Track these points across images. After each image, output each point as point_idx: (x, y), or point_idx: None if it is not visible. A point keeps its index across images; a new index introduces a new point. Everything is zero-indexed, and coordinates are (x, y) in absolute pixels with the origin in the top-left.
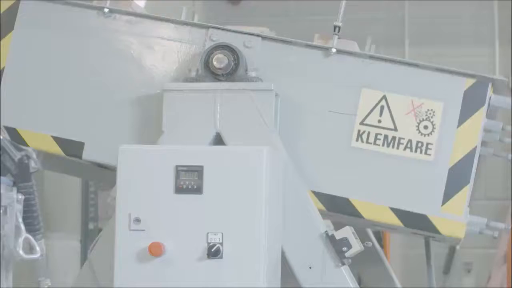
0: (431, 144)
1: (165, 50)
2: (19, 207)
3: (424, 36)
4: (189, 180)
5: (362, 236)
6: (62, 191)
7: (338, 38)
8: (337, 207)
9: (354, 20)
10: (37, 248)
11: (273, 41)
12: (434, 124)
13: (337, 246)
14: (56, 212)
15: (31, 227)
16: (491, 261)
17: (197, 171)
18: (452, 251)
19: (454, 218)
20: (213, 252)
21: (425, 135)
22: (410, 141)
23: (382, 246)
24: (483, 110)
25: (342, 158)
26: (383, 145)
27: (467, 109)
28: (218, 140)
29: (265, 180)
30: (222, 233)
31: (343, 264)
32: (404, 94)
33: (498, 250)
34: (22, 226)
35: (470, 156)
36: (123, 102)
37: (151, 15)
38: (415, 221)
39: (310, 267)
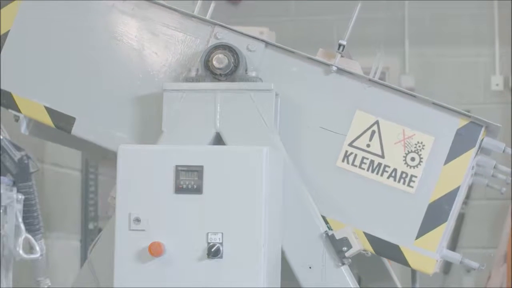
0: (415, 176)
1: (168, 39)
2: (19, 207)
3: (424, 36)
4: (189, 180)
5: None
6: (62, 191)
7: (341, 56)
8: None
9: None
10: (37, 248)
11: (277, 49)
12: (422, 157)
13: (337, 246)
14: (56, 212)
15: (31, 227)
16: (491, 261)
17: (197, 171)
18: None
19: (425, 254)
20: (213, 252)
21: (411, 166)
22: (395, 170)
23: None
24: (472, 152)
25: (325, 176)
26: (368, 170)
27: (457, 148)
28: (218, 140)
29: (265, 180)
30: (222, 233)
31: (343, 264)
32: (397, 122)
33: (497, 250)
34: (22, 226)
35: (452, 195)
36: (119, 85)
37: (160, 2)
38: (386, 250)
39: (310, 267)
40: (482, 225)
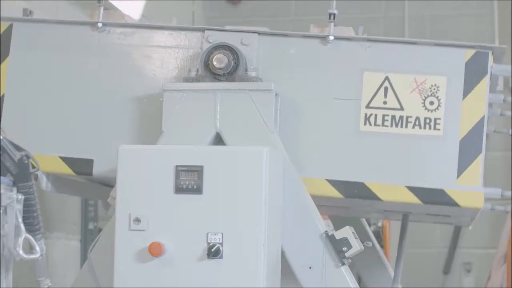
0: (439, 119)
1: (163, 57)
2: (19, 207)
3: (424, 36)
4: (189, 180)
5: (362, 236)
6: None
7: (334, 25)
8: (354, 193)
9: (354, 20)
10: (37, 248)
11: (270, 36)
12: (440, 99)
13: (337, 246)
14: (56, 212)
15: (31, 227)
16: (491, 261)
17: (197, 171)
18: (452, 251)
19: (470, 189)
20: (213, 252)
21: (431, 110)
22: (418, 118)
23: (382, 246)
24: (486, 79)
25: (352, 144)
26: (391, 125)
27: (470, 80)
28: (218, 140)
29: (265, 180)
30: (222, 233)
31: (343, 264)
32: (406, 72)
33: (498, 250)
34: (22, 226)
35: (479, 125)
36: (127, 115)
37: (145, 24)
38: (432, 197)
39: (310, 267)
40: (482, 225)
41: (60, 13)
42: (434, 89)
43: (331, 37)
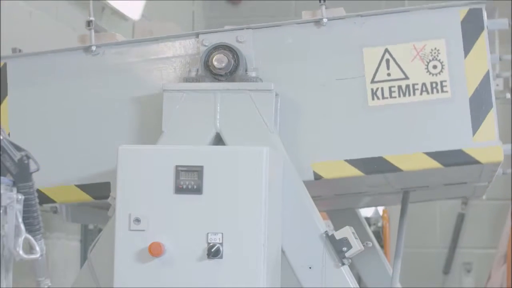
0: (445, 81)
1: (161, 69)
2: (19, 207)
3: None
4: (189, 180)
5: (362, 236)
6: None
7: (326, 8)
8: (374, 168)
9: None
10: (37, 248)
11: (264, 29)
12: (442, 62)
13: (337, 246)
14: None
15: (31, 227)
16: (491, 261)
17: (197, 171)
18: (452, 251)
19: (488, 144)
20: (213, 252)
21: (436, 74)
22: (424, 84)
23: (382, 246)
24: (484, 34)
25: (364, 120)
26: (399, 96)
27: (469, 37)
28: (218, 140)
29: (265, 180)
30: (222, 233)
31: (343, 264)
32: (404, 41)
33: (498, 250)
34: (22, 226)
35: (485, 81)
36: (133, 130)
37: (138, 39)
38: (452, 159)
39: (310, 267)
40: (482, 225)
41: (60, 13)
42: (434, 53)
43: (325, 20)
